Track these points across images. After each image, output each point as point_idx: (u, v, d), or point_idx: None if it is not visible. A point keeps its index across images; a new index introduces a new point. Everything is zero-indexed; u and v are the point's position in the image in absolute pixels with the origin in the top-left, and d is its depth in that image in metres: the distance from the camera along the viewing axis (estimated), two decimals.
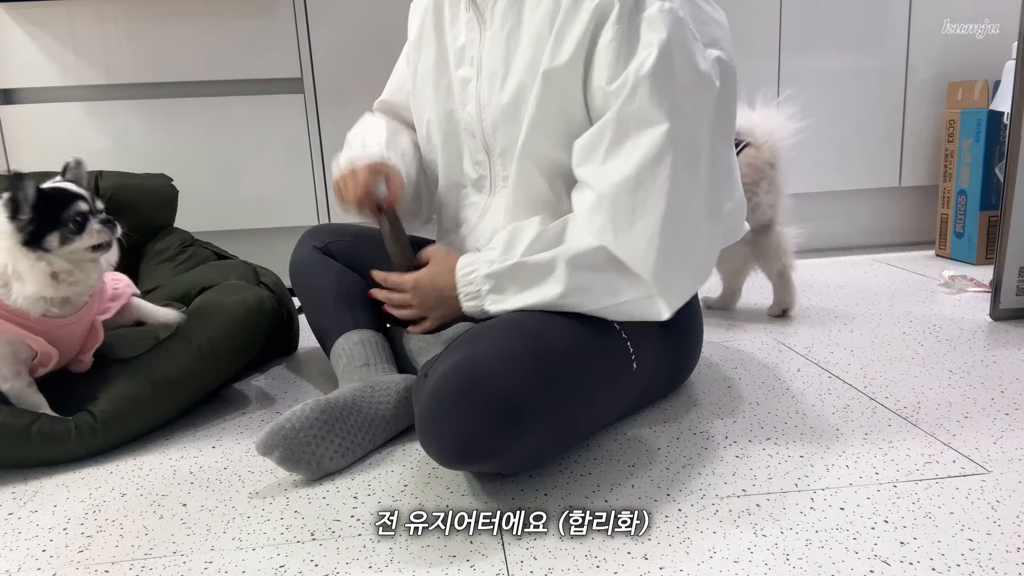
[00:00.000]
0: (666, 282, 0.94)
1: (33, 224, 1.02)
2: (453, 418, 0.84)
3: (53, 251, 1.04)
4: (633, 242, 0.92)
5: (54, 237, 1.03)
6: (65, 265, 1.06)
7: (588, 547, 0.80)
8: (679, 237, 0.93)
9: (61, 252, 1.04)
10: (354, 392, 1.06)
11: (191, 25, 1.92)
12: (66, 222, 1.04)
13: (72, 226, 1.04)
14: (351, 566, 0.79)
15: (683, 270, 0.96)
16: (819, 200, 2.28)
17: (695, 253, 0.97)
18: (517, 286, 0.97)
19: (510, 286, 0.98)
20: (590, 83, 0.95)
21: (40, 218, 1.03)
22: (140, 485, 1.00)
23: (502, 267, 0.98)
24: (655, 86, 0.90)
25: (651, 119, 0.90)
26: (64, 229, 1.04)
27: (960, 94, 2.08)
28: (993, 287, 1.53)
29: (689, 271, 0.98)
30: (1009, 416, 1.08)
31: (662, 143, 0.90)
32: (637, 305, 0.96)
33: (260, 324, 1.32)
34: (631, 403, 1.10)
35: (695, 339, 1.18)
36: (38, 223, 1.03)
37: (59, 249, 1.04)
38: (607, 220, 0.93)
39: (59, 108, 1.94)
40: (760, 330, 1.55)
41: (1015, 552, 0.76)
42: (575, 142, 0.97)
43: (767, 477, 0.93)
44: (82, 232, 1.05)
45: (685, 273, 0.97)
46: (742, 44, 2.08)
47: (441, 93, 1.12)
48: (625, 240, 0.93)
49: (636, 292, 0.95)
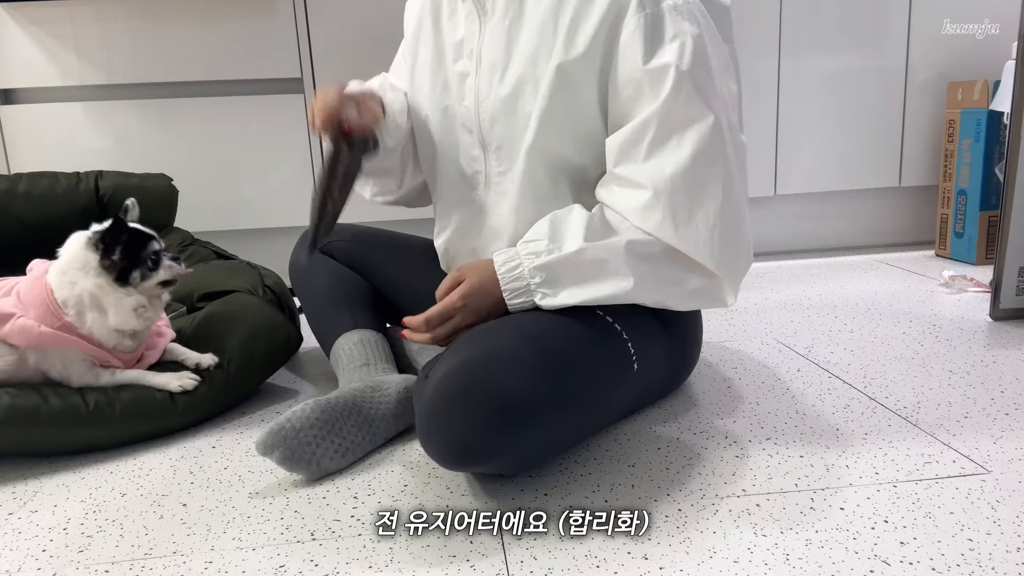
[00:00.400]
0: (729, 268, 0.97)
1: (122, 262, 1.12)
2: (454, 419, 0.84)
3: (136, 287, 1.14)
4: (696, 233, 0.94)
5: (137, 274, 1.14)
6: (143, 300, 1.15)
7: (588, 547, 0.80)
8: (735, 222, 0.96)
9: (141, 288, 1.14)
10: (354, 392, 1.06)
11: (191, 25, 1.92)
12: (145, 260, 1.14)
13: (150, 263, 1.15)
14: (351, 566, 0.79)
15: (741, 254, 0.99)
16: (819, 200, 2.28)
17: (747, 234, 1.00)
18: (574, 278, 0.95)
19: (565, 277, 0.95)
20: (615, 75, 0.96)
21: (126, 256, 1.12)
22: (140, 485, 1.00)
23: (553, 258, 0.94)
24: (697, 81, 0.92)
25: (698, 113, 0.92)
26: (143, 267, 1.14)
27: (960, 94, 2.08)
28: (993, 287, 1.53)
29: (745, 254, 1.00)
30: (1009, 416, 1.08)
31: (711, 134, 0.92)
32: (703, 293, 0.98)
33: (279, 356, 1.34)
34: (632, 403, 1.10)
35: (695, 339, 1.18)
36: (125, 261, 1.12)
37: (140, 285, 1.14)
38: (665, 215, 0.93)
39: (59, 108, 1.94)
40: (760, 330, 1.55)
41: (1015, 552, 0.76)
42: (609, 140, 0.97)
43: (767, 477, 0.93)
44: (158, 268, 1.15)
45: (742, 255, 1.00)
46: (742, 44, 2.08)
47: (438, 88, 1.11)
48: (686, 232, 0.94)
49: (700, 281, 0.97)
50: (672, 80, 0.91)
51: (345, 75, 1.97)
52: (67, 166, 1.69)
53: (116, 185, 1.63)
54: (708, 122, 0.92)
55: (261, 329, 1.30)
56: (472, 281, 0.98)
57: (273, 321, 1.33)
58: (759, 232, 2.26)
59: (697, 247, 0.94)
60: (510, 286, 0.97)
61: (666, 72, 0.91)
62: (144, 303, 1.15)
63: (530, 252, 0.96)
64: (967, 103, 2.06)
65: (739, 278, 1.00)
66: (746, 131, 1.08)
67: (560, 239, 0.96)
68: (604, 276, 0.94)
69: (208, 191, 1.97)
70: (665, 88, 0.91)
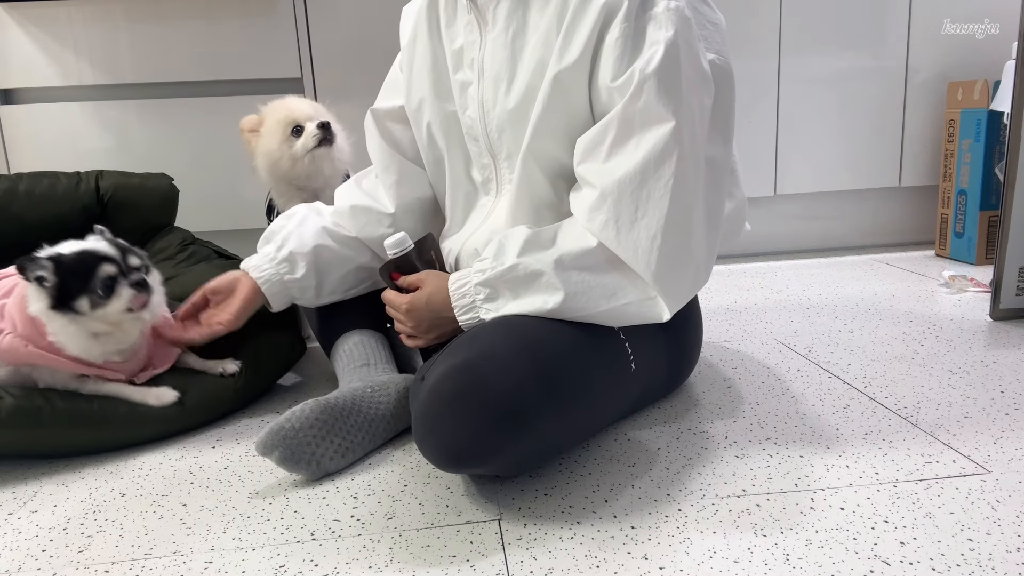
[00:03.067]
0: (667, 283, 0.93)
1: (58, 289, 1.02)
2: (450, 421, 0.84)
3: (86, 314, 1.04)
4: (635, 241, 0.91)
5: (84, 301, 1.04)
6: (101, 327, 1.06)
7: (588, 547, 0.80)
8: (682, 236, 0.92)
9: (94, 315, 1.05)
10: (354, 392, 1.06)
11: (191, 25, 1.92)
12: (94, 288, 1.03)
13: (101, 291, 1.03)
14: (351, 566, 0.79)
15: (685, 270, 0.94)
16: (819, 200, 2.28)
17: (696, 253, 0.95)
18: (511, 292, 0.95)
19: (504, 292, 0.96)
20: (595, 81, 0.94)
21: (67, 282, 1.03)
22: (140, 485, 1.00)
23: (494, 273, 0.95)
24: (662, 84, 0.89)
25: (658, 116, 0.89)
26: (92, 295, 1.03)
27: (960, 94, 2.08)
28: (993, 287, 1.53)
29: (691, 271, 0.95)
30: (1009, 416, 1.08)
31: (668, 140, 0.89)
32: (636, 307, 0.95)
33: (284, 364, 1.35)
34: (631, 404, 1.10)
35: (695, 339, 1.18)
36: (64, 287, 1.03)
37: (91, 312, 1.04)
38: (609, 218, 0.92)
39: (59, 108, 1.94)
40: (760, 330, 1.55)
41: (1015, 552, 0.76)
42: (577, 140, 0.96)
43: (767, 477, 0.93)
44: (111, 296, 1.04)
45: (687, 273, 0.95)
46: (742, 44, 2.09)
47: (441, 96, 1.11)
48: (627, 239, 0.91)
49: (636, 294, 0.94)
50: (635, 84, 0.89)
51: (345, 75, 1.98)
52: (67, 166, 1.69)
53: (116, 185, 1.62)
54: (667, 127, 0.89)
55: (268, 338, 1.30)
56: (424, 292, 1.03)
57: (279, 330, 1.34)
58: (759, 232, 2.27)
59: (635, 256, 0.91)
60: (459, 303, 0.98)
61: (631, 77, 0.90)
62: (103, 329, 1.07)
63: (478, 270, 0.97)
64: (967, 103, 2.06)
65: (680, 295, 0.96)
66: (746, 131, 1.08)
67: (502, 256, 0.96)
68: (536, 290, 0.94)
69: (208, 191, 1.97)
70: (628, 91, 0.90)
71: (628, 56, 0.91)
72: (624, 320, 0.96)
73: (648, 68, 0.89)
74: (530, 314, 0.94)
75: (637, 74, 0.89)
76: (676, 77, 0.90)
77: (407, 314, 1.04)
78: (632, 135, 0.91)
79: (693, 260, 0.95)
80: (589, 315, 0.95)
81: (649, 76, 0.89)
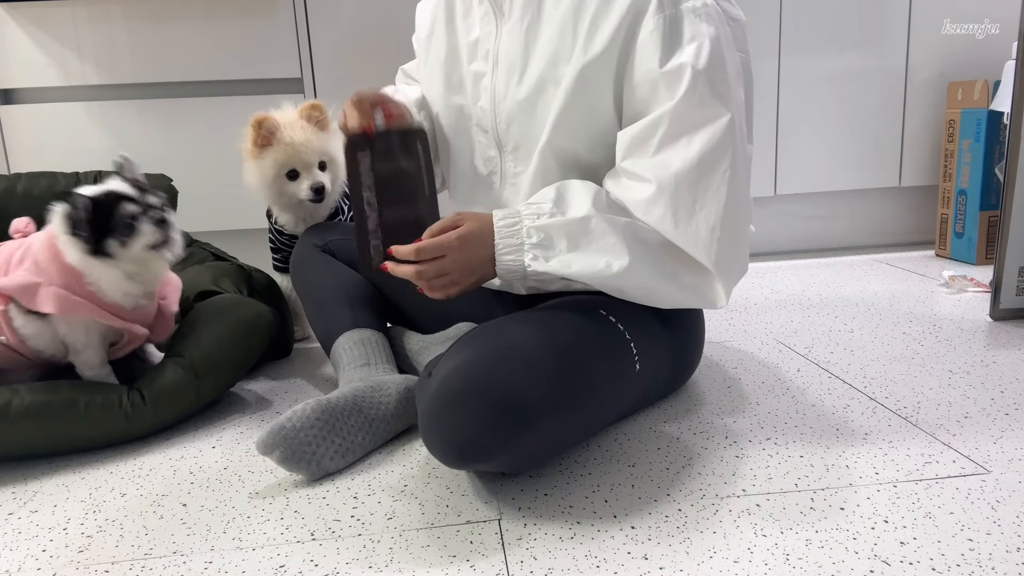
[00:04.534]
0: (725, 270, 0.96)
1: (93, 236, 1.06)
2: (458, 417, 0.84)
3: (117, 256, 1.08)
4: (696, 232, 0.93)
5: (114, 243, 1.07)
6: (132, 267, 1.11)
7: (588, 547, 0.80)
8: (736, 225, 0.95)
9: (124, 255, 1.09)
10: (355, 392, 1.06)
11: (191, 25, 1.92)
12: (116, 227, 1.07)
13: (124, 230, 1.07)
14: (351, 566, 0.79)
15: (738, 259, 0.98)
16: (819, 200, 2.28)
17: (745, 243, 0.99)
18: (570, 244, 0.93)
19: (560, 243, 0.93)
20: (630, 75, 0.95)
21: (97, 227, 1.06)
22: (140, 485, 1.00)
23: (553, 221, 0.93)
24: (714, 79, 0.91)
25: (713, 113, 0.92)
26: (118, 234, 1.07)
27: (960, 94, 2.08)
28: (993, 287, 1.53)
29: (742, 261, 0.99)
30: (1009, 416, 1.08)
31: (724, 133, 0.92)
32: (695, 291, 0.97)
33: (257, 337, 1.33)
34: (633, 403, 1.10)
35: (697, 339, 1.18)
36: (97, 233, 1.06)
37: (122, 252, 1.08)
38: (667, 211, 0.93)
39: (59, 108, 1.94)
40: (760, 330, 1.55)
41: (1015, 552, 0.76)
42: (620, 133, 0.97)
43: (767, 477, 0.93)
44: (134, 233, 1.08)
45: (739, 262, 0.98)
46: None
47: (452, 88, 1.11)
48: (687, 230, 0.93)
49: (693, 278, 0.96)
50: (688, 79, 0.91)
51: (345, 75, 1.98)
52: (67, 166, 1.69)
53: None
54: (723, 122, 0.92)
55: (238, 319, 1.29)
56: (471, 226, 0.96)
57: (251, 310, 1.33)
58: (759, 232, 2.27)
59: (696, 245, 0.94)
60: (504, 241, 0.95)
61: (682, 72, 0.91)
62: (134, 269, 1.11)
63: (532, 212, 0.95)
64: (967, 103, 2.06)
65: (733, 282, 0.99)
66: None
67: (564, 205, 0.95)
68: (601, 250, 0.93)
69: (208, 191, 1.96)
70: (681, 87, 0.91)
71: (669, 47, 0.92)
72: (678, 302, 0.98)
73: (699, 63, 0.91)
74: (585, 274, 0.93)
75: (689, 70, 0.91)
76: (724, 71, 0.93)
77: (459, 248, 0.94)
78: (684, 132, 0.93)
79: (743, 248, 0.98)
80: (645, 289, 0.95)
81: (701, 72, 0.91)
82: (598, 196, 0.96)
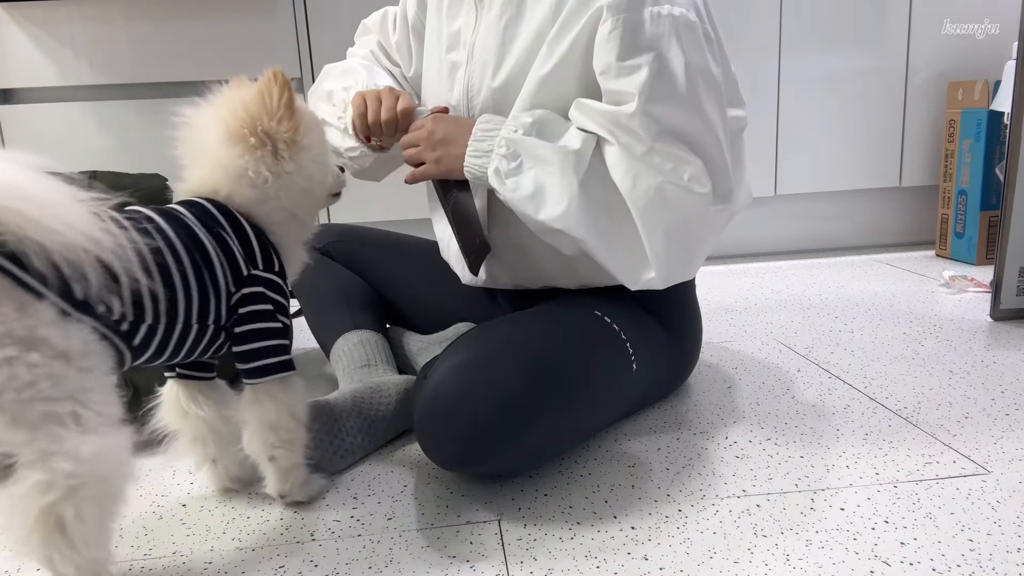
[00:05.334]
0: (676, 269, 0.96)
1: None
2: (453, 421, 0.84)
3: None
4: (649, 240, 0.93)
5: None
6: None
7: (588, 547, 0.80)
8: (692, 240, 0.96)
9: None
10: (354, 393, 1.06)
11: (191, 25, 1.92)
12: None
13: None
14: (351, 566, 0.79)
15: (690, 261, 0.99)
16: (819, 200, 2.28)
17: (698, 257, 1.00)
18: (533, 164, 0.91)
19: (527, 161, 0.91)
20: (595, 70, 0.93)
21: None
22: (139, 485, 1.00)
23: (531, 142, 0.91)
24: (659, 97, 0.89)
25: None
26: None
27: (960, 94, 2.08)
28: (993, 287, 1.53)
29: (693, 262, 1.00)
30: (1009, 416, 1.08)
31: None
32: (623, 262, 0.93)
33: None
34: (631, 404, 1.10)
35: (695, 339, 1.18)
36: None
37: None
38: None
39: (59, 108, 1.94)
40: (760, 330, 1.55)
41: (1015, 552, 0.76)
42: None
43: (767, 477, 0.93)
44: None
45: (690, 264, 0.99)
46: (742, 44, 2.09)
47: (431, 76, 1.11)
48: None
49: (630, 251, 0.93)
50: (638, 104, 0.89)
51: None
52: (67, 166, 1.68)
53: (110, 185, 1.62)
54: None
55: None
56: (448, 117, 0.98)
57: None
58: (759, 232, 2.27)
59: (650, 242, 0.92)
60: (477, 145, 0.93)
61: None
62: None
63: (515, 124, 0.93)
64: (967, 103, 2.06)
65: (674, 273, 0.97)
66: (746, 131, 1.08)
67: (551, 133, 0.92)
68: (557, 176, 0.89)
69: None
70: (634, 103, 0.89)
71: (624, 53, 0.89)
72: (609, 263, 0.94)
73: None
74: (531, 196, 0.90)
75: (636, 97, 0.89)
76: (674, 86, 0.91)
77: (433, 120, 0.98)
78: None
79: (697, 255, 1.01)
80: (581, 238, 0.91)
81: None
82: (587, 142, 0.92)
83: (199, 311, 0.80)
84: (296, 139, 0.88)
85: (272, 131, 0.87)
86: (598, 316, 0.99)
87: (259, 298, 0.85)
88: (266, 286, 0.86)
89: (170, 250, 0.78)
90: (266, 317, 0.85)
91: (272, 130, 0.87)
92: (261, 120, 0.87)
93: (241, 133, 0.87)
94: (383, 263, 1.31)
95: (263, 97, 0.88)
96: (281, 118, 0.87)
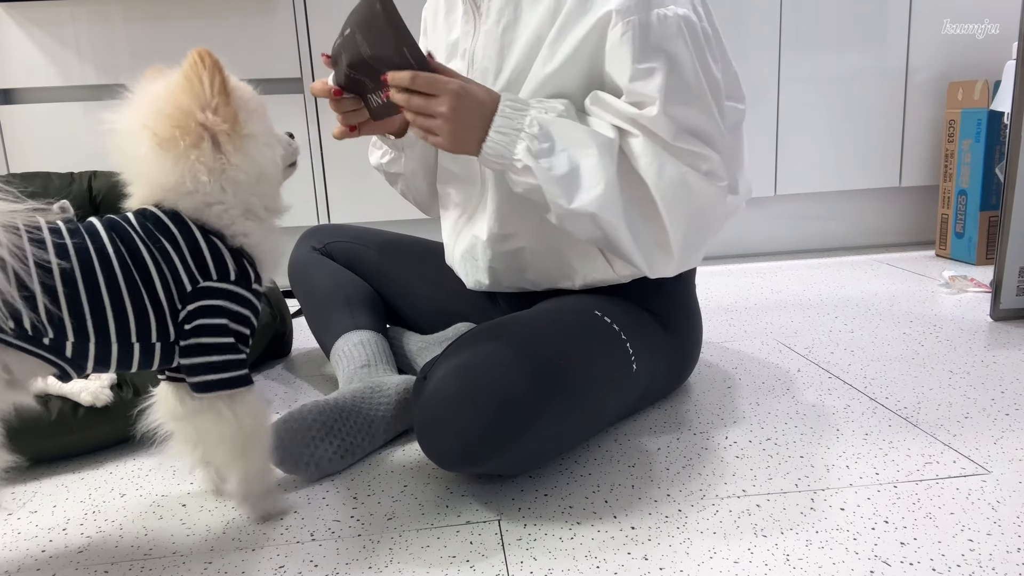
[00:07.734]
0: (685, 258, 0.98)
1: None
2: (453, 421, 0.84)
3: None
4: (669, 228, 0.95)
5: None
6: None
7: (588, 547, 0.80)
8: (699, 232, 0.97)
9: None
10: (354, 393, 1.06)
11: (191, 25, 1.92)
12: None
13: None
14: (351, 566, 0.79)
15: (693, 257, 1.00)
16: (819, 200, 2.28)
17: (701, 249, 1.01)
18: (567, 146, 0.89)
19: (559, 143, 0.89)
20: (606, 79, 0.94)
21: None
22: (140, 486, 1.00)
23: (564, 125, 0.89)
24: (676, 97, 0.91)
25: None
26: None
27: (960, 94, 2.08)
28: (993, 287, 1.53)
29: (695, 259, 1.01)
30: (1009, 416, 1.08)
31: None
32: (646, 249, 0.94)
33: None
34: (631, 404, 1.10)
35: (695, 339, 1.18)
36: None
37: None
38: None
39: (59, 108, 1.94)
40: (760, 330, 1.55)
41: (1015, 552, 0.76)
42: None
43: (767, 477, 0.93)
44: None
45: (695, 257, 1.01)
46: (742, 44, 2.09)
47: None
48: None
49: (652, 238, 0.95)
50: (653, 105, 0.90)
51: None
52: (67, 166, 1.69)
53: (110, 185, 1.62)
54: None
55: None
56: (476, 89, 0.89)
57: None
58: (759, 232, 2.27)
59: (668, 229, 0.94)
60: (502, 121, 0.89)
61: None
62: None
63: (545, 106, 0.91)
64: (967, 103, 2.06)
65: (686, 261, 0.99)
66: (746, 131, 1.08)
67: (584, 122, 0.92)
68: (592, 170, 0.89)
69: None
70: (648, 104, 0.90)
71: (637, 57, 0.90)
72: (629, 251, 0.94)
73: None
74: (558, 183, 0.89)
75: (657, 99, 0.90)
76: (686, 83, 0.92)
77: (456, 97, 0.86)
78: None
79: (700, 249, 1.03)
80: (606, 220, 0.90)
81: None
82: (616, 133, 0.92)
83: (138, 331, 0.76)
84: (237, 130, 0.79)
85: (208, 123, 0.77)
86: (598, 316, 0.99)
87: (208, 312, 0.79)
88: (221, 297, 0.80)
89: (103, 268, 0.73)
90: (213, 332, 0.79)
91: (208, 122, 0.77)
92: (193, 113, 0.76)
93: (171, 136, 0.77)
94: (383, 263, 1.31)
95: (192, 85, 0.77)
96: (216, 106, 0.76)
